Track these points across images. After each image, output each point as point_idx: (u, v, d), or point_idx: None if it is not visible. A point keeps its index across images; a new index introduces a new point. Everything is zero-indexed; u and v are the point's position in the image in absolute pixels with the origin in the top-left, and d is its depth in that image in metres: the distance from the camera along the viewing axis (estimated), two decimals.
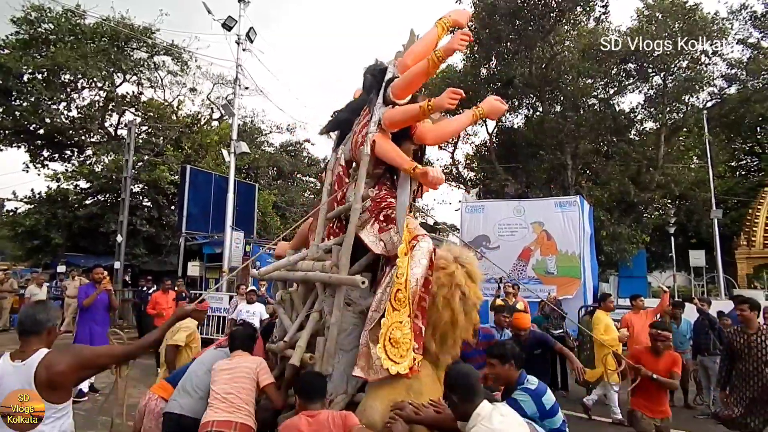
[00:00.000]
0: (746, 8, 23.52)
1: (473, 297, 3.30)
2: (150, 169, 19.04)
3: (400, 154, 3.47)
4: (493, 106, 3.53)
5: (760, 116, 23.10)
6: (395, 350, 2.94)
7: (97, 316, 7.03)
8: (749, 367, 4.82)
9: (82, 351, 2.60)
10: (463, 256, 3.38)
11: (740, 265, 21.63)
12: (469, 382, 2.45)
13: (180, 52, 21.68)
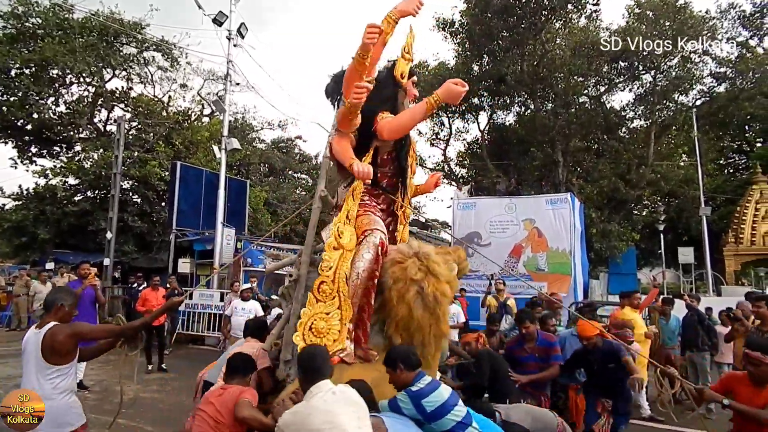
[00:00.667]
0: (735, 7, 23.74)
1: (432, 293, 3.16)
2: (140, 166, 18.88)
3: (344, 152, 3.48)
4: (449, 90, 3.21)
5: (749, 115, 23.36)
6: (317, 339, 3.08)
7: (83, 311, 7.05)
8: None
9: (80, 326, 3.33)
10: (423, 251, 3.30)
11: (728, 262, 21.90)
12: (314, 363, 2.58)
13: (170, 47, 21.50)
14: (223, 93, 15.51)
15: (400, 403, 2.73)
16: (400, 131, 3.51)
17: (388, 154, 3.73)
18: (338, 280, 3.20)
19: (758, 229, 21.09)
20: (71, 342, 3.10)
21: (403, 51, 3.91)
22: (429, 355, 3.27)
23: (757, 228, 21.10)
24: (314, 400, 2.41)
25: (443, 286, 3.19)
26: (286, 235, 24.77)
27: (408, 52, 3.92)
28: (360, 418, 2.40)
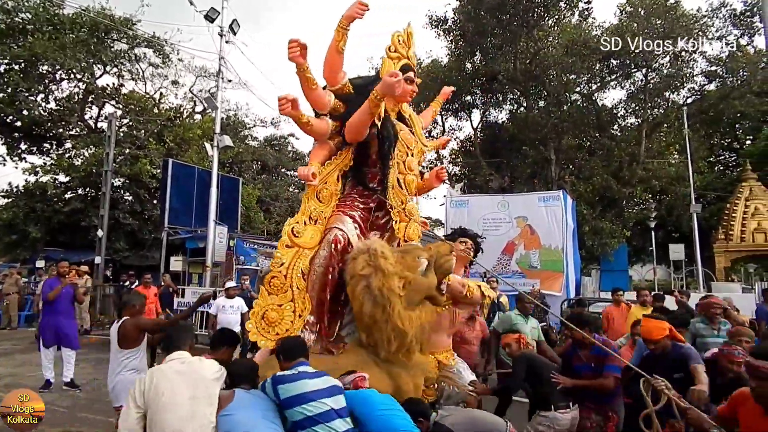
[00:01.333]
0: (726, 6, 23.91)
1: (379, 288, 3.16)
2: (131, 163, 18.76)
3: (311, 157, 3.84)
4: (384, 83, 3.27)
5: (739, 113, 23.54)
6: (269, 328, 3.35)
7: (62, 309, 7.13)
8: None
9: (143, 319, 4.37)
10: (374, 246, 3.31)
11: (718, 259, 22.08)
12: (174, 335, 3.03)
13: (161, 44, 21.35)
14: (215, 90, 15.43)
15: (265, 384, 2.83)
16: (354, 131, 3.62)
17: (375, 153, 3.81)
18: (292, 276, 3.40)
19: (748, 226, 21.28)
20: (136, 332, 4.12)
21: (388, 51, 3.94)
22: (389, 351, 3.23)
23: (747, 225, 21.29)
24: (164, 365, 2.80)
25: (390, 281, 3.16)
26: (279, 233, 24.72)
27: (395, 50, 3.93)
28: (197, 388, 2.65)
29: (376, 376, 3.13)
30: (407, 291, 3.23)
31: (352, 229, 3.61)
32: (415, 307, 3.26)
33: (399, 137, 3.86)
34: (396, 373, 3.21)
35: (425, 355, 3.42)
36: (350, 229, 3.58)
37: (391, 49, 3.92)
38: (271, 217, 24.58)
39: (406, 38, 4.04)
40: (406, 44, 4.04)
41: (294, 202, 26.80)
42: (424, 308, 3.31)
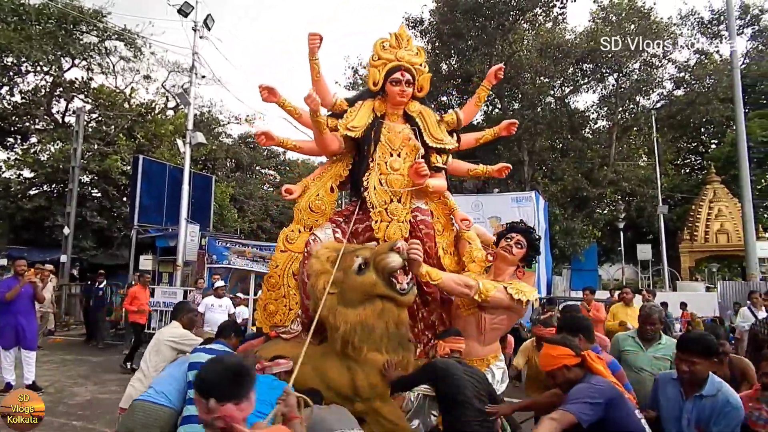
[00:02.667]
0: (694, 14, 24.65)
1: (311, 287, 3.39)
2: (100, 159, 18.30)
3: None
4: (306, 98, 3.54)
5: (704, 118, 24.32)
6: (269, 317, 3.85)
7: (22, 308, 6.94)
8: None
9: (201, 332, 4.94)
10: (313, 248, 3.58)
11: (683, 258, 22.79)
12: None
13: (133, 37, 20.86)
14: (188, 86, 15.16)
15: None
16: (318, 145, 3.89)
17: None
18: (284, 276, 3.83)
19: (711, 227, 22.02)
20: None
21: (371, 60, 4.02)
22: (335, 346, 3.30)
23: (711, 226, 22.03)
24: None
25: (316, 280, 3.33)
26: (253, 231, 24.49)
27: (378, 58, 3.96)
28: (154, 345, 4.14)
29: (335, 368, 3.29)
30: (341, 289, 3.26)
31: (330, 234, 3.72)
32: (356, 305, 3.24)
33: (381, 139, 3.90)
34: (353, 369, 3.25)
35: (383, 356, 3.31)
36: (327, 234, 3.71)
37: (374, 57, 3.97)
38: (244, 216, 24.29)
39: (394, 41, 4.05)
40: (396, 46, 4.03)
41: (268, 201, 26.56)
42: (370, 307, 3.24)
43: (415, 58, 4.05)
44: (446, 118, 4.23)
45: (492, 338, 3.70)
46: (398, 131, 3.98)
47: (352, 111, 3.96)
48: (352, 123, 3.86)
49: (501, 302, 3.47)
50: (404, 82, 3.90)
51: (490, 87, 4.45)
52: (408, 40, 4.13)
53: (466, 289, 3.45)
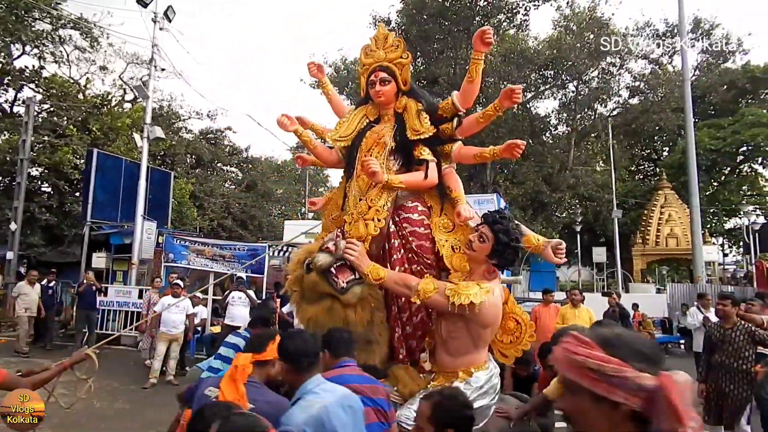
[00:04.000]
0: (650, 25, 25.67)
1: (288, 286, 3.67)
2: (51, 152, 17.50)
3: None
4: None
5: (657, 126, 25.36)
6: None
7: None
8: (723, 360, 5.13)
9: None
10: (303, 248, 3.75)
11: (636, 261, 23.68)
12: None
13: (89, 26, 20.06)
14: (147, 78, 14.70)
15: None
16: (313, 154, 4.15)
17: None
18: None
19: (662, 231, 22.97)
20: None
21: (359, 69, 4.09)
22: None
23: (662, 230, 22.97)
24: None
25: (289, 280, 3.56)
26: (213, 230, 23.96)
27: (363, 65, 3.97)
28: None
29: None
30: (301, 287, 3.43)
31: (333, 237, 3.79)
32: (313, 302, 3.35)
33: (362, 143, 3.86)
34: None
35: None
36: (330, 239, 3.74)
37: (359, 65, 4.00)
38: (204, 213, 23.73)
39: (373, 44, 4.02)
40: (376, 48, 4.01)
41: (230, 199, 26.04)
42: (322, 304, 3.30)
43: (392, 53, 3.93)
44: (441, 105, 3.99)
45: (458, 349, 3.22)
46: (377, 132, 3.91)
47: (343, 122, 3.98)
48: (341, 133, 3.87)
49: (437, 305, 3.10)
50: (378, 81, 3.84)
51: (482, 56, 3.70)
52: (385, 37, 4.08)
53: (405, 289, 3.19)
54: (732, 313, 5.32)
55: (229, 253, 12.21)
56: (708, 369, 5.31)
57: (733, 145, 25.07)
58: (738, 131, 24.67)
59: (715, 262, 23.86)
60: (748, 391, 5.05)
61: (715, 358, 5.21)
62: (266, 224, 28.48)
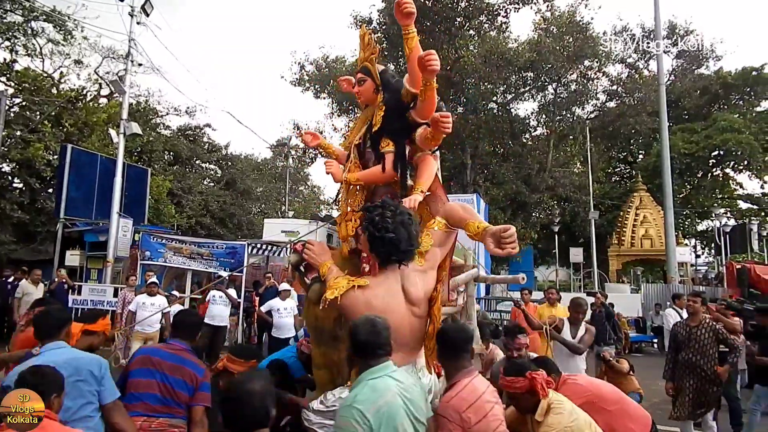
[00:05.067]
0: (627, 30, 26.15)
1: None
2: (22, 147, 17.03)
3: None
4: None
5: (633, 129, 25.86)
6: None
7: None
8: (688, 358, 5.23)
9: None
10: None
11: (612, 262, 24.11)
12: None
13: (63, 19, 19.55)
14: (123, 73, 14.40)
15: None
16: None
17: None
18: None
19: (637, 233, 23.43)
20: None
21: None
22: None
23: (637, 231, 23.44)
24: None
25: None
26: (192, 228, 23.63)
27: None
28: None
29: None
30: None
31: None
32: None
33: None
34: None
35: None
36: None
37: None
38: (182, 211, 23.37)
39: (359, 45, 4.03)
40: (361, 48, 3.99)
41: (208, 196, 25.71)
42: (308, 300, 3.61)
43: (366, 51, 3.89)
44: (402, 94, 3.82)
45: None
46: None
47: (352, 126, 4.20)
48: (349, 138, 3.95)
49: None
50: (355, 83, 3.86)
51: (405, 26, 3.51)
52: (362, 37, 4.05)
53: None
54: (700, 310, 5.46)
55: (207, 251, 12.05)
56: (674, 367, 5.41)
57: (705, 150, 25.69)
58: (710, 136, 25.29)
59: (687, 263, 24.43)
60: (713, 388, 5.17)
61: (682, 355, 5.32)
62: (245, 222, 28.19)
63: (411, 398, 2.16)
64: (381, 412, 2.03)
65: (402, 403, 2.09)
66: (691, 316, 5.49)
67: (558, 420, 2.64)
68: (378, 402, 2.05)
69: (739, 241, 23.04)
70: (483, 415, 2.38)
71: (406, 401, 2.11)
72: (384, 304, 3.18)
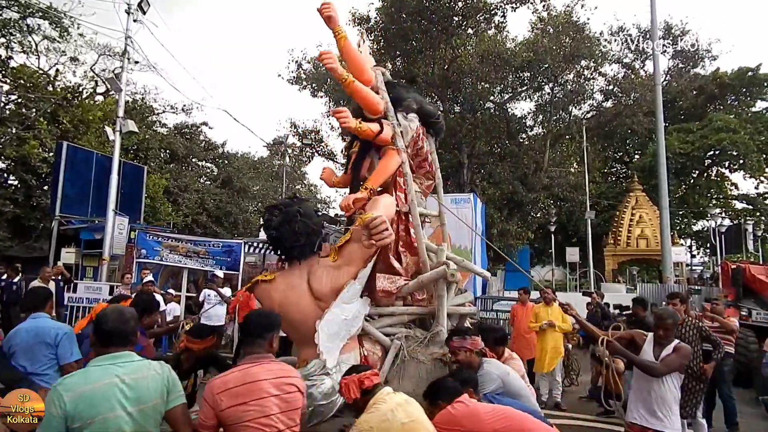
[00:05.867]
0: (624, 30, 26.21)
1: None
2: (18, 144, 16.95)
3: None
4: None
5: (629, 129, 25.92)
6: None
7: None
8: None
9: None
10: None
11: (607, 261, 24.19)
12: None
13: (59, 15, 19.44)
14: (119, 71, 14.35)
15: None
16: None
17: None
18: None
19: (633, 233, 23.51)
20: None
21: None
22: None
23: (632, 231, 23.52)
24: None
25: None
26: (188, 226, 23.58)
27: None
28: None
29: None
30: None
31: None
32: None
33: None
34: None
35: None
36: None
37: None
38: (179, 209, 23.32)
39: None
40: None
41: (205, 194, 25.65)
42: None
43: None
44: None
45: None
46: None
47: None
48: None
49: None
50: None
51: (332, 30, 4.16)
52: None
53: None
54: (680, 310, 5.49)
55: (203, 249, 12.04)
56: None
57: (701, 150, 25.79)
58: (706, 136, 25.39)
59: (683, 263, 24.51)
60: (699, 384, 5.23)
61: None
62: (242, 221, 28.16)
63: (133, 387, 2.16)
64: (82, 397, 2.07)
65: (117, 391, 2.12)
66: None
67: (366, 418, 2.54)
68: (82, 388, 2.09)
69: (734, 241, 23.15)
70: (242, 401, 2.31)
71: (124, 390, 2.13)
72: (283, 296, 3.58)
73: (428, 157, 4.85)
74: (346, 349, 3.59)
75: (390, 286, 3.89)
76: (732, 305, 9.14)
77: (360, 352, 3.69)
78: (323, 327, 3.46)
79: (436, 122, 4.95)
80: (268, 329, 2.59)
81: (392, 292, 3.93)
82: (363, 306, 3.76)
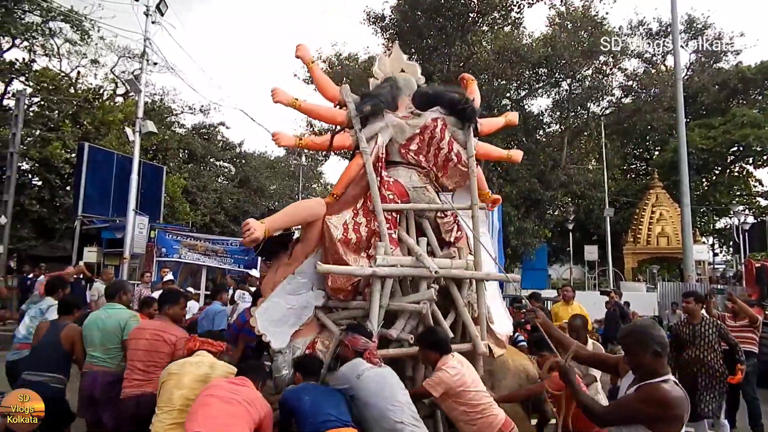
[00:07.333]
0: (643, 24, 25.77)
1: None
2: (41, 146, 17.34)
3: None
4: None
5: (649, 125, 25.47)
6: None
7: None
8: (696, 355, 5.22)
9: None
10: None
11: (627, 260, 23.81)
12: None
13: (80, 19, 19.82)
14: (139, 72, 14.58)
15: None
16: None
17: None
18: None
19: (653, 230, 23.11)
20: None
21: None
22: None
23: (653, 229, 23.12)
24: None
25: None
26: (206, 225, 23.87)
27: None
28: None
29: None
30: None
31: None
32: None
33: None
34: None
35: None
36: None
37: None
38: (197, 209, 23.63)
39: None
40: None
41: (222, 194, 25.94)
42: None
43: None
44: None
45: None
46: None
47: None
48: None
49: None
50: None
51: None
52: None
53: None
54: (697, 309, 5.41)
55: (222, 248, 12.18)
56: (675, 366, 5.32)
57: (724, 145, 25.23)
58: (729, 131, 24.83)
59: (705, 262, 24.05)
60: (721, 383, 5.16)
61: (688, 354, 5.29)
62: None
63: (105, 320, 4.11)
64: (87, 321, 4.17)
65: (95, 320, 4.12)
66: (690, 316, 5.46)
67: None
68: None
69: (758, 239, 22.62)
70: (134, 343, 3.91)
71: (99, 321, 4.09)
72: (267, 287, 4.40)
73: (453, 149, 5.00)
74: (300, 335, 4.20)
75: (345, 283, 4.26)
76: (756, 304, 8.93)
77: (313, 339, 4.20)
78: (260, 313, 4.14)
79: (465, 109, 4.93)
80: (165, 302, 4.09)
81: (344, 288, 4.29)
82: (315, 298, 4.32)
